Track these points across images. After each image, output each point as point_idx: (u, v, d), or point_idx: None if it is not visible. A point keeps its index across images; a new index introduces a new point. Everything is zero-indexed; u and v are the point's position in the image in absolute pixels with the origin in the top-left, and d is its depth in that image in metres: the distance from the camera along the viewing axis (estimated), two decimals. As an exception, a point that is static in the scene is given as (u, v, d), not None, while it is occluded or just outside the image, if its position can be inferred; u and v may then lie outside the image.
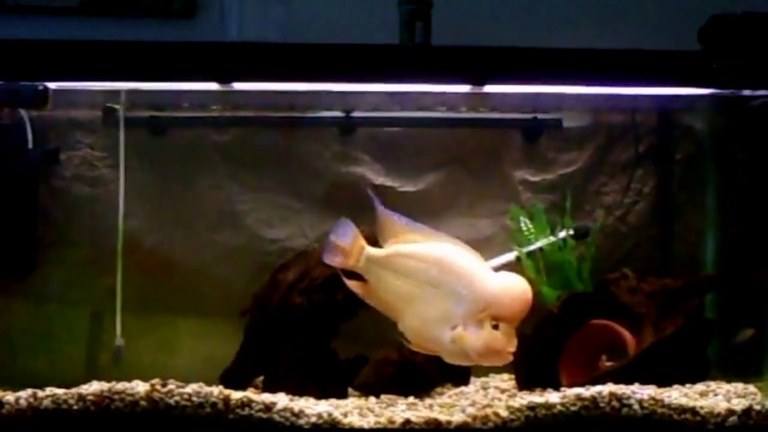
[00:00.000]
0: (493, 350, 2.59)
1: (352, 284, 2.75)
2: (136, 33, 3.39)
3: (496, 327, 2.58)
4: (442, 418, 2.54)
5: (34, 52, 2.78)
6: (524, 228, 3.25)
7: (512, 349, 2.60)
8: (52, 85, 2.82)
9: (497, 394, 3.00)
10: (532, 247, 3.24)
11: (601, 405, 2.52)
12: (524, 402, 2.56)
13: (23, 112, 3.20)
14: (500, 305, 2.59)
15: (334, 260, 2.73)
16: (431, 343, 2.66)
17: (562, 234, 3.24)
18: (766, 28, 2.92)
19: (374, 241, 2.77)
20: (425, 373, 3.00)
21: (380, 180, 3.42)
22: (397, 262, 2.69)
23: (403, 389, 2.93)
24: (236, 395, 2.54)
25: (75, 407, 2.50)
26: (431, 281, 2.64)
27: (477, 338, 2.58)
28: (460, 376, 3.12)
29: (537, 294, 3.16)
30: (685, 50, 2.92)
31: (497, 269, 3.30)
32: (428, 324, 2.63)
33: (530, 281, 2.73)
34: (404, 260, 2.69)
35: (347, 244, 2.71)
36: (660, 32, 3.35)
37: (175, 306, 3.35)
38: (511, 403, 2.59)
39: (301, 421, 2.51)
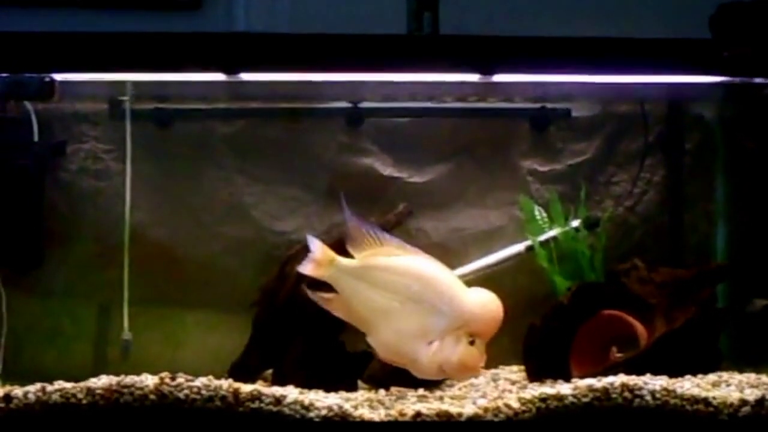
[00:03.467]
0: (469, 366, 2.61)
1: (315, 296, 2.72)
2: (141, 25, 3.37)
3: (472, 343, 2.60)
4: (453, 410, 2.53)
5: (40, 44, 2.76)
6: (538, 217, 3.24)
7: (483, 364, 2.62)
8: (58, 78, 2.80)
9: (507, 385, 2.99)
10: (544, 237, 3.23)
11: (613, 396, 2.51)
12: (536, 393, 2.54)
13: (29, 105, 3.19)
14: (478, 322, 2.61)
15: (306, 269, 2.71)
16: (404, 357, 2.64)
17: (574, 223, 3.23)
18: (777, 15, 2.90)
19: (343, 249, 2.73)
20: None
21: (388, 171, 3.41)
22: (373, 274, 2.67)
23: (412, 381, 2.91)
24: (246, 388, 2.52)
25: (84, 401, 2.49)
26: (412, 296, 2.63)
27: (453, 354, 2.58)
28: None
29: (549, 284, 3.18)
30: (696, 38, 2.90)
31: (506, 260, 3.32)
32: (404, 338, 2.62)
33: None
34: (381, 273, 2.67)
35: (317, 254, 2.69)
36: (670, 20, 3.33)
37: (183, 299, 3.35)
38: (522, 394, 2.58)
39: (312, 414, 2.49)
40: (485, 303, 2.64)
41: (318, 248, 2.70)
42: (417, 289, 2.63)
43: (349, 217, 2.72)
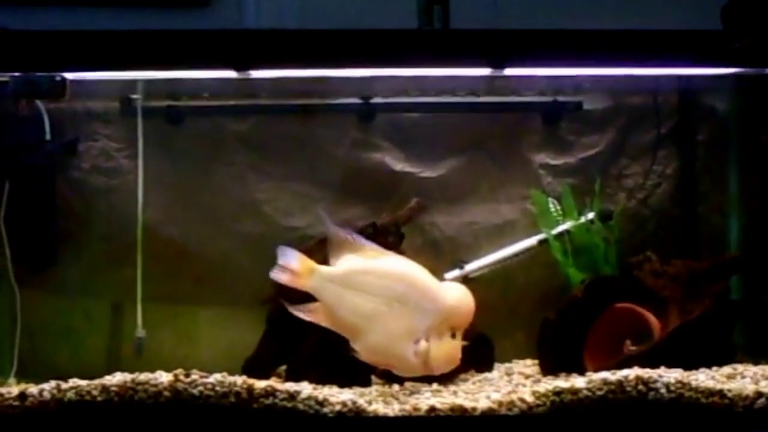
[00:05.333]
0: (452, 359, 2.67)
1: (296, 309, 2.70)
2: (150, 22, 3.37)
3: (453, 336, 2.67)
4: (468, 404, 2.53)
5: (51, 43, 2.77)
6: (553, 210, 3.23)
7: (460, 355, 2.68)
8: (69, 76, 2.80)
9: (521, 379, 2.98)
10: (558, 229, 3.22)
11: (628, 389, 2.50)
12: (550, 387, 2.54)
13: (40, 104, 3.20)
14: (457, 315, 2.69)
15: (282, 278, 2.68)
16: (392, 358, 2.67)
17: (589, 216, 3.22)
18: (790, 6, 2.88)
19: (324, 257, 2.73)
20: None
21: (400, 166, 3.40)
22: (356, 279, 2.67)
23: (426, 376, 2.91)
24: (260, 384, 2.53)
25: (98, 398, 2.50)
26: (396, 297, 2.65)
27: (439, 350, 2.64)
28: (484, 362, 3.11)
29: (562, 277, 3.17)
30: (707, 30, 2.88)
31: (519, 254, 3.32)
32: (393, 339, 2.65)
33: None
34: (365, 277, 2.67)
35: (296, 266, 2.67)
36: (681, 12, 3.31)
37: (196, 296, 3.35)
38: (536, 388, 2.58)
39: (326, 410, 2.50)
40: (461, 297, 2.71)
41: (296, 258, 2.68)
42: (401, 289, 2.66)
43: (330, 226, 2.72)
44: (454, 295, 2.71)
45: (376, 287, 2.66)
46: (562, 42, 2.82)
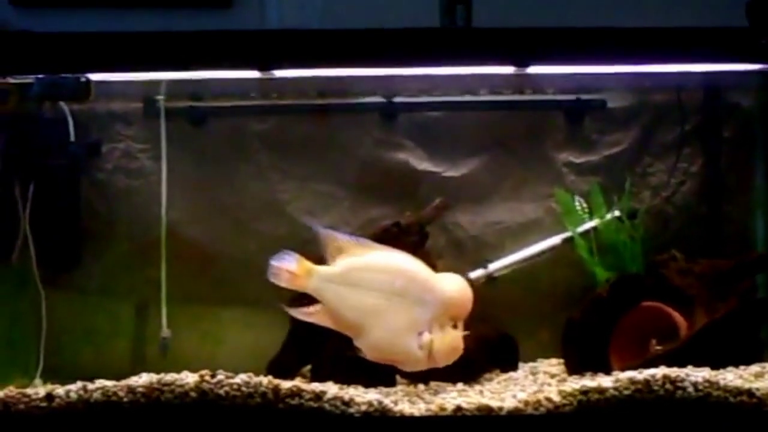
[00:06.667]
0: (456, 349, 2.66)
1: (298, 312, 2.70)
2: (172, 23, 3.38)
3: (454, 327, 2.67)
4: (494, 404, 2.52)
5: (74, 44, 2.78)
6: (578, 207, 3.22)
7: (463, 345, 2.67)
8: (92, 78, 2.81)
9: (547, 379, 2.97)
10: (585, 227, 3.21)
11: (655, 388, 2.49)
12: (576, 386, 2.52)
13: (64, 106, 3.21)
14: (458, 305, 2.69)
15: (280, 280, 2.68)
16: (397, 354, 2.66)
17: (615, 214, 3.21)
18: (815, 2, 2.86)
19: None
20: (473, 359, 2.97)
21: (423, 165, 3.40)
22: (355, 276, 2.66)
23: (451, 376, 2.90)
24: (286, 385, 2.53)
25: (125, 399, 2.50)
26: (397, 291, 2.65)
27: (443, 340, 2.65)
28: (508, 361, 3.10)
29: (587, 276, 3.15)
30: (732, 26, 2.86)
31: (543, 253, 3.30)
32: (396, 333, 2.64)
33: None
34: (363, 273, 2.67)
35: (293, 267, 2.67)
36: (706, 8, 3.29)
37: (220, 296, 3.35)
38: (563, 387, 2.56)
39: (352, 410, 2.50)
40: (460, 287, 2.72)
41: (295, 260, 2.68)
42: (400, 283, 2.66)
43: (319, 229, 2.73)
44: (452, 285, 2.71)
45: (375, 282, 2.66)
46: (585, 40, 2.80)
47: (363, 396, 2.55)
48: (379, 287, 2.66)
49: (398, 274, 2.67)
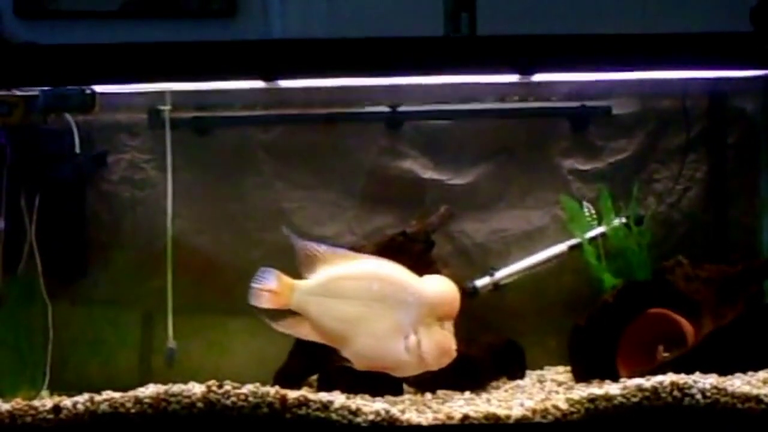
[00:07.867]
0: (446, 350, 2.62)
1: (281, 326, 2.69)
2: (176, 33, 3.39)
3: (443, 328, 2.63)
4: (501, 412, 2.52)
5: (79, 56, 2.78)
6: (587, 213, 3.22)
7: (455, 346, 2.63)
8: (98, 89, 2.82)
9: (554, 387, 2.97)
10: (592, 233, 3.21)
11: (663, 395, 2.48)
12: (584, 394, 2.52)
13: (70, 117, 3.21)
14: (442, 305, 2.64)
15: (262, 302, 2.67)
16: (386, 359, 2.64)
17: (622, 220, 3.20)
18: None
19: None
20: (480, 367, 2.97)
21: (428, 174, 3.40)
22: (334, 286, 2.65)
23: (458, 384, 2.90)
24: (293, 395, 2.52)
25: (132, 410, 2.50)
26: (375, 296, 2.63)
27: (430, 341, 2.61)
28: (515, 369, 3.10)
29: (593, 283, 3.15)
30: (737, 32, 2.86)
31: (549, 261, 3.30)
32: (382, 339, 2.62)
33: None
34: (342, 282, 2.66)
35: (274, 286, 2.66)
36: (710, 14, 3.29)
37: (226, 306, 3.34)
38: (570, 395, 2.56)
39: (359, 419, 2.49)
40: (443, 286, 2.68)
41: (275, 277, 2.67)
42: (377, 287, 2.64)
43: (297, 241, 2.71)
44: (433, 285, 2.67)
45: (353, 290, 2.64)
46: (589, 47, 2.80)
47: (370, 405, 2.55)
48: (357, 295, 2.64)
49: (374, 278, 2.65)
